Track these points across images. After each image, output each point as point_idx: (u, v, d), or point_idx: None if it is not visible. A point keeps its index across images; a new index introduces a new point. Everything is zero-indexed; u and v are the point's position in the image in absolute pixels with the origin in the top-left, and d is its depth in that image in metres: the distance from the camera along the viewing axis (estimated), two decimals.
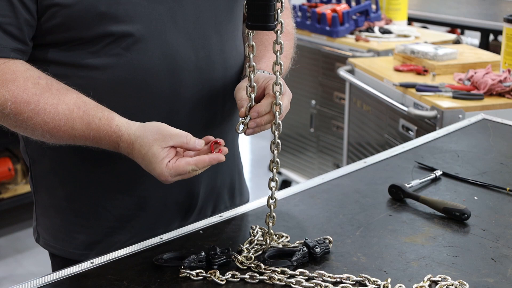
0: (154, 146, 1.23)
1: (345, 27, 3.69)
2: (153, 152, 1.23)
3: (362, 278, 1.20)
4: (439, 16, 4.84)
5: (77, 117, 1.26)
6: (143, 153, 1.24)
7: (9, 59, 1.26)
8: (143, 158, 1.25)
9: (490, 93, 2.57)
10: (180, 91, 1.37)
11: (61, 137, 1.28)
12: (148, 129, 1.25)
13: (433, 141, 1.93)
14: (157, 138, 1.23)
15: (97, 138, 1.28)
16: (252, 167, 5.04)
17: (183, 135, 1.24)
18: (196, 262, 1.24)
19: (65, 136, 1.27)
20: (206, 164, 1.24)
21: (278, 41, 1.25)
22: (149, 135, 1.24)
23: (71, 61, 1.32)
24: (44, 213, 1.51)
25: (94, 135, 1.27)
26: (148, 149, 1.23)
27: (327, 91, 3.80)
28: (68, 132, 1.27)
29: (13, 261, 3.66)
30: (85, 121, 1.27)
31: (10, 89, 1.24)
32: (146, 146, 1.24)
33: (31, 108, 1.25)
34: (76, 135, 1.27)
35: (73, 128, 1.26)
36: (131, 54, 1.32)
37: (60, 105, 1.26)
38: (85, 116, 1.27)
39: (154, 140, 1.23)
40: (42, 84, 1.27)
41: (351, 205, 1.51)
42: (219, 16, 1.42)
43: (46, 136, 1.28)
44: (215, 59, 1.41)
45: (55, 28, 1.28)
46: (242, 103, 1.31)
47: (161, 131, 1.24)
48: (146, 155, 1.24)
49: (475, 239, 1.37)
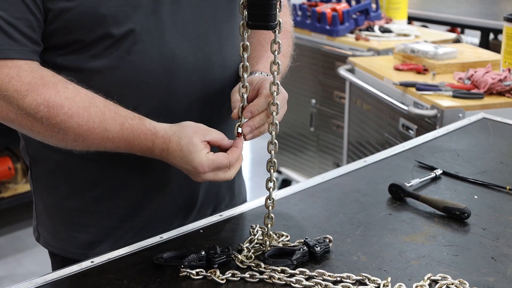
0: (194, 137, 1.27)
1: (345, 26, 3.69)
2: (194, 142, 1.26)
3: (362, 277, 1.20)
4: (439, 15, 4.84)
5: (109, 118, 1.27)
6: (182, 144, 1.26)
7: (32, 61, 1.26)
8: (181, 150, 1.26)
9: (490, 92, 2.57)
10: (179, 91, 1.37)
11: (94, 140, 1.27)
12: (185, 124, 1.30)
13: (433, 140, 1.93)
14: (196, 131, 1.28)
15: (131, 138, 1.28)
16: (252, 166, 5.04)
17: (219, 132, 1.30)
18: (196, 261, 1.24)
19: (98, 138, 1.27)
20: (239, 152, 1.28)
21: (276, 41, 1.25)
22: (188, 129, 1.28)
23: (70, 64, 1.32)
24: (44, 213, 1.51)
25: (128, 135, 1.27)
26: (188, 140, 1.26)
27: (327, 90, 3.80)
28: (101, 135, 1.26)
29: (13, 261, 3.66)
30: (118, 121, 1.27)
31: (41, 93, 1.23)
32: (186, 138, 1.26)
33: (65, 111, 1.24)
34: (109, 136, 1.27)
35: (106, 130, 1.26)
36: (130, 56, 1.31)
37: (91, 108, 1.26)
38: (117, 117, 1.27)
39: (194, 133, 1.27)
40: (71, 88, 1.26)
41: (351, 204, 1.51)
42: (218, 15, 1.42)
43: (79, 139, 1.26)
44: (213, 59, 1.41)
45: (57, 31, 1.28)
46: (235, 105, 1.31)
47: (199, 126, 1.29)
48: (186, 145, 1.26)
49: (475, 238, 1.37)
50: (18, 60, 1.24)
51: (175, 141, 1.27)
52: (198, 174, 1.26)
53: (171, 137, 1.27)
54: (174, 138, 1.27)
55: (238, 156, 1.29)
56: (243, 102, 1.29)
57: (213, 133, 1.29)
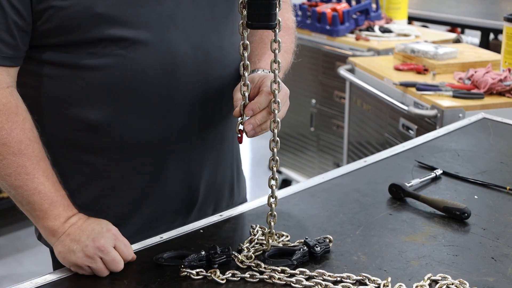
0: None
1: (345, 26, 3.69)
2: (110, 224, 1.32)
3: (362, 277, 1.20)
4: (439, 15, 4.84)
5: (52, 178, 1.31)
6: (104, 221, 1.32)
7: (7, 68, 1.26)
8: (100, 221, 1.32)
9: (490, 92, 2.57)
10: (179, 89, 1.37)
11: (26, 186, 1.28)
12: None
13: (433, 140, 1.93)
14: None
15: (59, 203, 1.31)
16: (252, 166, 5.04)
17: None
18: (197, 261, 1.24)
19: (32, 186, 1.28)
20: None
21: (276, 39, 1.25)
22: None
23: (68, 61, 1.32)
24: None
25: (58, 200, 1.31)
26: (106, 221, 1.33)
27: (327, 90, 3.80)
28: (37, 185, 1.29)
29: (13, 260, 3.66)
30: (56, 187, 1.32)
31: (10, 120, 1.26)
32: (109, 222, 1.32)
33: (21, 148, 1.27)
34: (42, 190, 1.29)
35: (43, 184, 1.29)
36: (130, 54, 1.31)
37: (42, 161, 1.30)
38: (57, 185, 1.33)
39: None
40: (35, 135, 1.30)
41: (351, 204, 1.51)
42: (217, 13, 1.42)
43: (13, 176, 1.28)
44: (213, 57, 1.41)
45: (52, 30, 1.28)
46: (237, 103, 1.30)
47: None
48: (107, 222, 1.32)
49: (475, 238, 1.37)
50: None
51: (96, 219, 1.33)
52: (102, 243, 1.26)
53: (92, 218, 1.33)
54: (95, 219, 1.33)
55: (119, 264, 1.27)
56: (245, 100, 1.29)
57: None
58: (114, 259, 1.25)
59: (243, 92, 1.29)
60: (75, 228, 1.29)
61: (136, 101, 1.35)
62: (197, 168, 1.48)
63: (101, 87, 1.33)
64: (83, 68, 1.32)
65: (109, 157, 1.38)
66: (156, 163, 1.41)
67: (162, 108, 1.37)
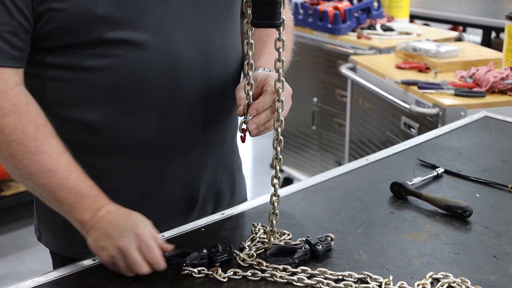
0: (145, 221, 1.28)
1: (347, 25, 3.69)
2: (145, 220, 1.28)
3: (364, 276, 1.20)
4: (441, 14, 4.84)
5: (75, 171, 1.28)
6: (135, 215, 1.29)
7: (15, 69, 1.26)
8: (130, 214, 1.29)
9: (492, 91, 2.57)
10: (180, 89, 1.37)
11: (49, 183, 1.27)
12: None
13: (435, 139, 1.93)
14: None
15: (86, 195, 1.28)
16: (253, 165, 5.04)
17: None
18: (198, 259, 1.24)
19: (56, 183, 1.26)
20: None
21: (280, 38, 1.25)
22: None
23: (70, 63, 1.32)
24: (45, 212, 1.51)
25: (85, 191, 1.28)
26: (140, 215, 1.29)
27: (329, 89, 3.80)
28: (61, 180, 1.26)
29: (15, 259, 3.67)
30: (81, 178, 1.29)
31: (23, 119, 1.25)
32: (140, 216, 1.29)
33: (38, 145, 1.25)
34: (67, 185, 1.27)
35: (67, 178, 1.27)
36: (130, 55, 1.31)
37: (63, 155, 1.28)
38: (82, 175, 1.29)
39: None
40: (49, 129, 1.28)
41: (353, 203, 1.51)
42: (218, 13, 1.41)
43: (35, 175, 1.26)
44: (214, 57, 1.41)
45: (53, 32, 1.28)
46: (241, 102, 1.30)
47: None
48: (138, 215, 1.28)
49: (477, 236, 1.37)
50: (1, 68, 1.24)
51: (127, 210, 1.30)
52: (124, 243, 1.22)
53: (123, 209, 1.30)
54: (126, 210, 1.30)
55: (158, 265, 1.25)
56: (249, 100, 1.29)
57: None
58: (134, 261, 1.20)
59: (247, 91, 1.29)
60: (104, 222, 1.27)
61: (138, 102, 1.35)
62: (198, 168, 1.48)
63: (102, 88, 1.33)
64: (83, 69, 1.32)
65: (110, 158, 1.38)
66: (157, 163, 1.41)
67: (164, 108, 1.37)
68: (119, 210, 1.29)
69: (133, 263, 1.20)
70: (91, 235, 1.26)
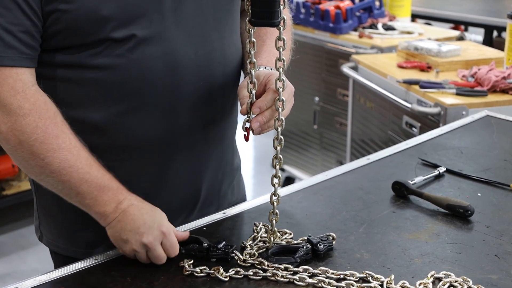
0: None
1: (349, 24, 3.68)
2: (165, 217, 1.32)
3: (366, 275, 1.20)
4: (442, 13, 4.84)
5: (95, 165, 1.30)
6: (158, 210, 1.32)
7: (30, 68, 1.27)
8: (154, 209, 1.32)
9: (494, 90, 2.57)
10: (181, 89, 1.37)
11: (72, 178, 1.28)
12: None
13: (436, 138, 1.93)
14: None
15: (107, 187, 1.30)
16: (255, 164, 5.04)
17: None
18: (196, 251, 1.25)
19: (78, 178, 1.28)
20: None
21: (280, 37, 1.25)
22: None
23: (74, 63, 1.32)
24: (46, 212, 1.51)
25: (106, 184, 1.30)
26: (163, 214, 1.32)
27: (331, 88, 3.80)
28: (82, 175, 1.28)
29: (17, 258, 3.67)
30: (101, 171, 1.30)
31: (43, 117, 1.26)
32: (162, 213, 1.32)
33: (58, 143, 1.26)
34: (88, 179, 1.28)
35: (89, 173, 1.28)
36: (133, 55, 1.32)
37: (82, 150, 1.29)
38: (102, 169, 1.31)
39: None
40: (67, 125, 1.29)
41: (355, 202, 1.51)
42: (218, 12, 1.42)
43: (57, 172, 1.27)
44: (214, 56, 1.41)
45: (59, 33, 1.28)
46: (244, 101, 1.30)
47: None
48: (161, 212, 1.32)
49: (478, 235, 1.37)
50: (16, 68, 1.24)
51: (150, 205, 1.32)
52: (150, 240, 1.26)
53: (146, 203, 1.32)
54: (149, 205, 1.32)
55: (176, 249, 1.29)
56: (252, 98, 1.29)
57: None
58: (158, 256, 1.26)
59: (249, 90, 1.29)
60: (126, 215, 1.29)
61: (140, 101, 1.35)
62: (199, 167, 1.48)
63: (105, 88, 1.33)
64: (87, 69, 1.32)
65: (112, 158, 1.38)
66: (159, 163, 1.41)
67: (165, 108, 1.37)
68: (141, 203, 1.31)
69: (156, 257, 1.26)
70: (113, 227, 1.29)
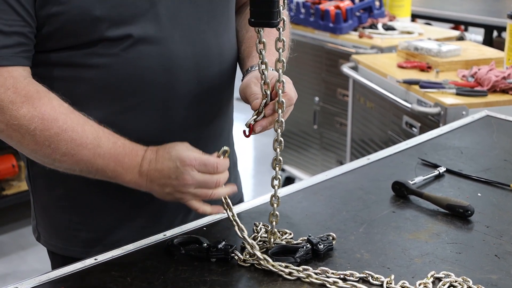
0: (184, 147, 1.30)
1: (349, 24, 3.69)
2: (183, 146, 1.29)
3: (366, 275, 1.20)
4: (442, 13, 4.84)
5: (103, 136, 1.29)
6: (170, 150, 1.29)
7: (23, 67, 1.27)
8: (169, 152, 1.28)
9: (494, 90, 2.57)
10: (177, 87, 1.37)
11: (84, 156, 1.27)
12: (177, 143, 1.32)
13: (436, 138, 1.93)
14: (187, 147, 1.30)
15: (121, 156, 1.29)
16: (255, 164, 5.04)
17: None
18: (196, 252, 1.25)
19: (89, 154, 1.27)
20: (226, 167, 1.30)
21: (280, 38, 1.25)
22: (179, 145, 1.31)
23: (70, 63, 1.32)
24: (44, 212, 1.51)
25: (120, 152, 1.29)
26: (178, 147, 1.29)
27: (331, 88, 3.80)
28: (93, 150, 1.27)
29: (17, 258, 3.67)
30: (111, 140, 1.29)
31: (37, 106, 1.25)
32: (175, 146, 1.30)
33: (59, 125, 1.25)
34: (101, 153, 1.28)
35: (99, 146, 1.28)
36: (128, 54, 1.32)
37: (86, 125, 1.28)
38: (111, 137, 1.30)
39: (184, 146, 1.30)
40: (66, 106, 1.28)
41: (355, 202, 1.51)
42: (214, 11, 1.42)
43: (69, 154, 1.27)
44: (211, 54, 1.41)
45: (53, 34, 1.29)
46: (256, 97, 1.30)
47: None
48: (174, 147, 1.28)
49: (478, 235, 1.37)
50: (10, 67, 1.24)
51: (163, 149, 1.30)
52: (183, 177, 1.25)
53: (160, 148, 1.30)
54: (162, 148, 1.30)
55: (225, 170, 1.29)
56: (267, 100, 1.29)
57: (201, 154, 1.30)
58: (206, 182, 1.27)
59: (264, 91, 1.28)
60: (153, 173, 1.29)
61: (136, 100, 1.35)
62: None
63: (100, 87, 1.33)
64: (82, 68, 1.32)
65: None
66: None
67: (161, 106, 1.37)
68: (157, 154, 1.30)
69: (205, 184, 1.27)
70: (150, 188, 1.31)
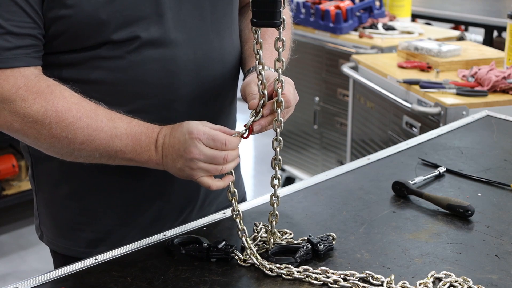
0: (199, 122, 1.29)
1: (349, 24, 3.69)
2: (199, 121, 1.28)
3: (366, 275, 1.20)
4: (442, 13, 4.84)
5: (117, 118, 1.30)
6: (183, 124, 1.28)
7: (35, 67, 1.27)
8: (181, 125, 1.28)
9: (494, 90, 2.57)
10: (179, 89, 1.38)
11: (102, 139, 1.28)
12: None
13: (436, 138, 1.93)
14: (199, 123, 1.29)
15: (138, 134, 1.30)
16: (255, 164, 5.04)
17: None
18: (196, 251, 1.25)
19: (107, 137, 1.28)
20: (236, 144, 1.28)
21: (280, 38, 1.25)
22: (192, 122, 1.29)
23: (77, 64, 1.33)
24: (47, 212, 1.51)
25: (136, 131, 1.30)
26: (193, 121, 1.29)
27: (331, 88, 3.80)
28: (110, 132, 1.28)
29: (17, 258, 3.67)
30: (125, 120, 1.30)
31: (49, 100, 1.25)
32: (188, 123, 1.28)
33: (73, 114, 1.26)
34: (117, 134, 1.28)
35: (115, 127, 1.28)
36: (133, 56, 1.32)
37: (99, 110, 1.29)
38: (124, 117, 1.31)
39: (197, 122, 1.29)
40: (77, 96, 1.29)
41: (355, 202, 1.51)
42: (217, 13, 1.42)
43: (87, 141, 1.27)
44: (213, 56, 1.41)
45: (60, 37, 1.29)
46: (254, 97, 1.30)
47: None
48: (189, 122, 1.28)
49: (478, 235, 1.37)
50: (22, 68, 1.25)
51: (179, 124, 1.30)
52: (190, 150, 1.25)
53: (176, 124, 1.30)
54: (178, 123, 1.30)
55: (235, 147, 1.28)
56: (265, 100, 1.29)
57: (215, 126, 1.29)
58: (214, 157, 1.25)
59: (261, 91, 1.28)
60: (166, 147, 1.29)
61: (140, 102, 1.35)
62: None
63: (105, 90, 1.33)
64: (87, 71, 1.32)
65: None
66: None
67: (164, 107, 1.37)
68: (172, 129, 1.30)
69: (214, 159, 1.25)
70: (167, 165, 1.30)
